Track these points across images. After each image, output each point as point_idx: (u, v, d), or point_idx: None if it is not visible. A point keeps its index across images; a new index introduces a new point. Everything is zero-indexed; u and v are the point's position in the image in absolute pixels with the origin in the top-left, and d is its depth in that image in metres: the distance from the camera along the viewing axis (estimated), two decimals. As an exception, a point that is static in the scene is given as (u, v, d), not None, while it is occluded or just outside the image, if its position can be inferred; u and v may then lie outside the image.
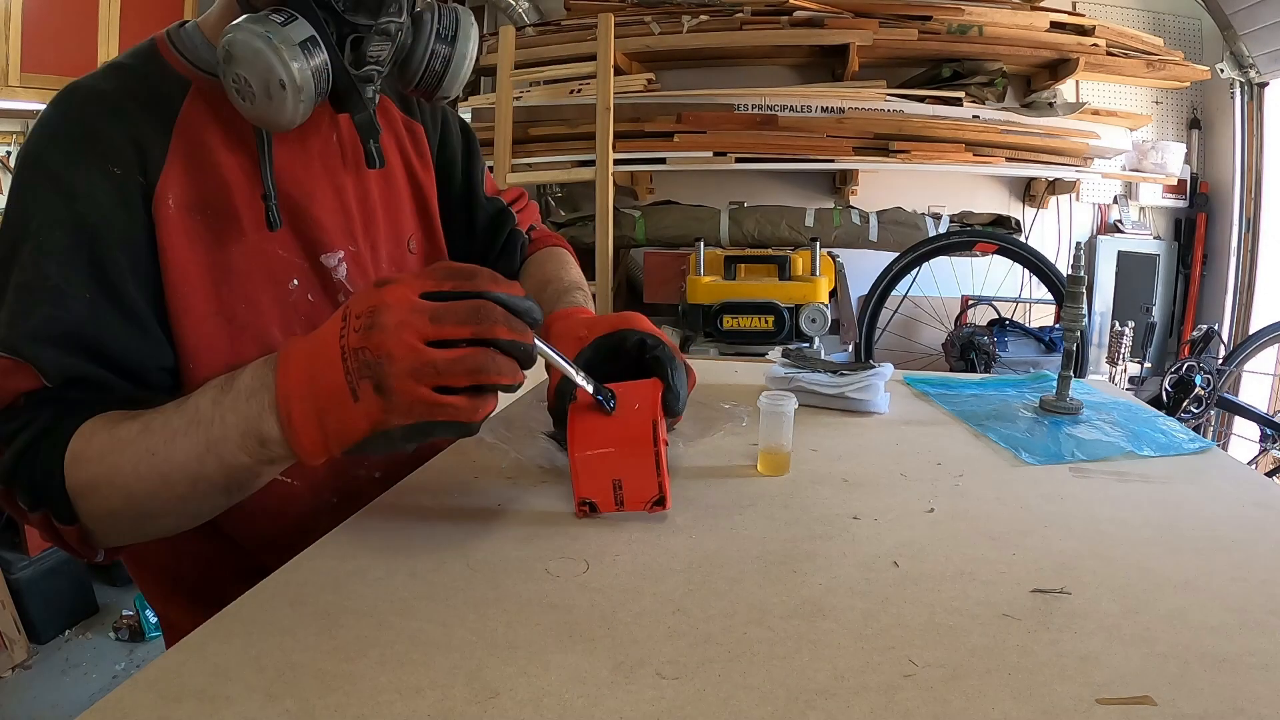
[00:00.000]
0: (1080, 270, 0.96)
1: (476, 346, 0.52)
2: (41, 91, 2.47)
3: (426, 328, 0.51)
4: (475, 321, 0.51)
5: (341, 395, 0.52)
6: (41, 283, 0.62)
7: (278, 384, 0.55)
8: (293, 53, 0.62)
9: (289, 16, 0.64)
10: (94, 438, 0.60)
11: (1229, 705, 0.43)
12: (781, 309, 2.48)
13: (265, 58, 0.62)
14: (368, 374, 0.51)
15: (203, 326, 0.69)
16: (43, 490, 0.60)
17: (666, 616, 0.52)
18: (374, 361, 0.51)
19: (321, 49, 0.65)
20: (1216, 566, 0.59)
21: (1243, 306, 3.14)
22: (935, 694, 0.44)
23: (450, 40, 0.74)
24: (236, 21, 0.64)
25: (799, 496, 0.72)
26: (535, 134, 2.98)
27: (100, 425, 0.60)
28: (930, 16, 2.93)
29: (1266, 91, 3.05)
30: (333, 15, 0.66)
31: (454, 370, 0.51)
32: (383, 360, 0.50)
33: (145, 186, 0.67)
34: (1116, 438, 0.88)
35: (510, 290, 0.54)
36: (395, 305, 0.51)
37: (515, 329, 0.53)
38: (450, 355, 0.51)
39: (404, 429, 0.53)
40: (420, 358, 0.50)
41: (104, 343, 0.64)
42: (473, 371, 0.51)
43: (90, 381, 0.63)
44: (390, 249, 0.86)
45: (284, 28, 0.63)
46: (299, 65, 0.63)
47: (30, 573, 2.21)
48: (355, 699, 0.43)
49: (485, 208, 1.01)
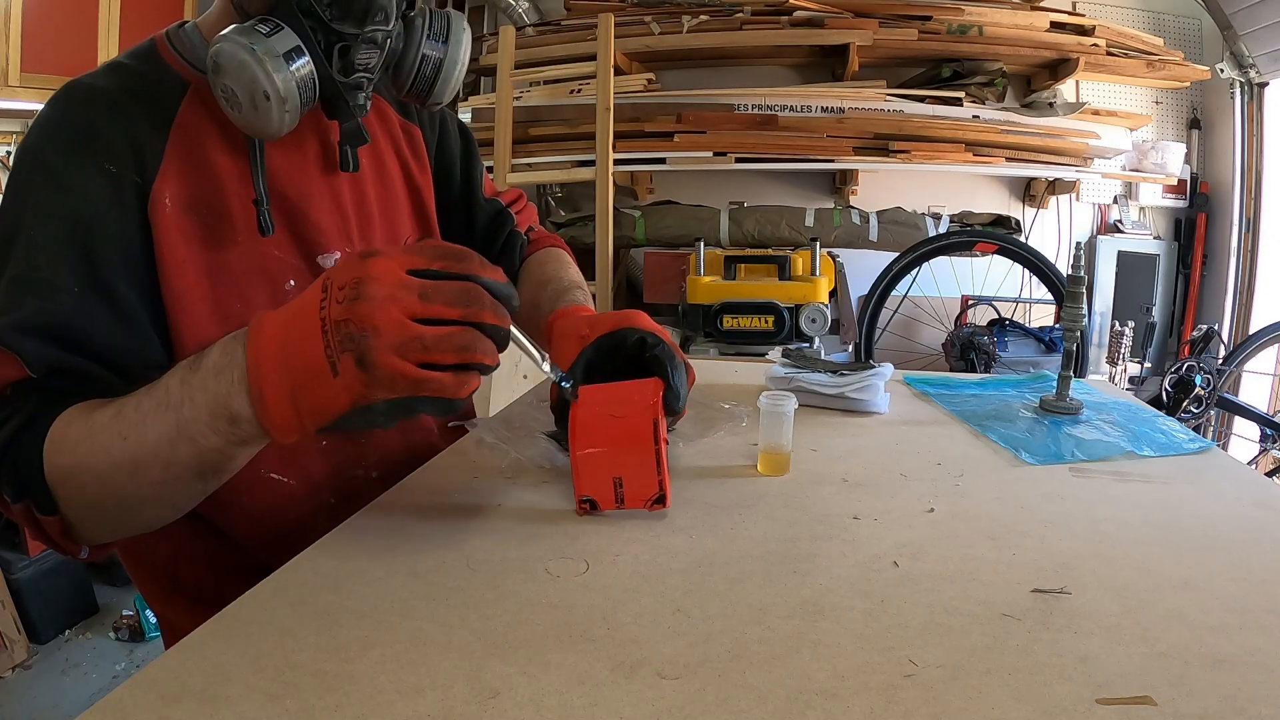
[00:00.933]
0: (1080, 270, 0.96)
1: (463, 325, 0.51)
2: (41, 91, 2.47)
3: (415, 304, 0.50)
4: (464, 304, 0.51)
5: (320, 368, 0.50)
6: (31, 275, 0.63)
7: (249, 357, 0.53)
8: (276, 64, 0.63)
9: (274, 26, 0.64)
10: (71, 425, 0.59)
11: (1229, 705, 0.43)
12: (781, 309, 2.48)
13: (250, 69, 0.62)
14: (350, 347, 0.50)
15: (199, 326, 0.69)
16: (25, 480, 0.59)
17: (666, 616, 0.52)
18: (358, 334, 0.49)
19: (307, 58, 0.65)
20: (1216, 566, 0.59)
21: (1243, 306, 3.14)
22: (935, 694, 0.44)
23: (442, 45, 0.74)
24: (224, 32, 0.64)
25: (799, 496, 0.72)
26: (535, 134, 2.98)
27: (78, 413, 0.60)
28: (930, 16, 2.93)
29: (1266, 91, 3.05)
30: (319, 24, 0.66)
31: (441, 347, 0.50)
32: (368, 333, 0.49)
33: (141, 186, 0.67)
34: (1116, 438, 0.88)
35: (495, 276, 0.54)
36: (382, 278, 0.50)
37: (499, 314, 0.53)
38: (438, 332, 0.50)
39: (386, 404, 0.52)
40: (407, 331, 0.49)
41: (90, 336, 0.63)
42: (460, 349, 0.51)
43: (74, 373, 0.63)
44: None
45: (269, 38, 0.63)
46: (283, 76, 0.63)
47: (30, 573, 2.21)
48: (355, 699, 0.43)
49: (485, 209, 1.01)
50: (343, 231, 0.80)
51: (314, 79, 0.66)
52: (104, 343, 0.64)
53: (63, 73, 2.50)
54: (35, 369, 0.61)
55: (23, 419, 0.60)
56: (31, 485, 0.59)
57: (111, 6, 2.65)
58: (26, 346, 0.61)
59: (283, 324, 0.53)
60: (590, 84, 2.90)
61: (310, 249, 0.77)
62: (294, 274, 0.76)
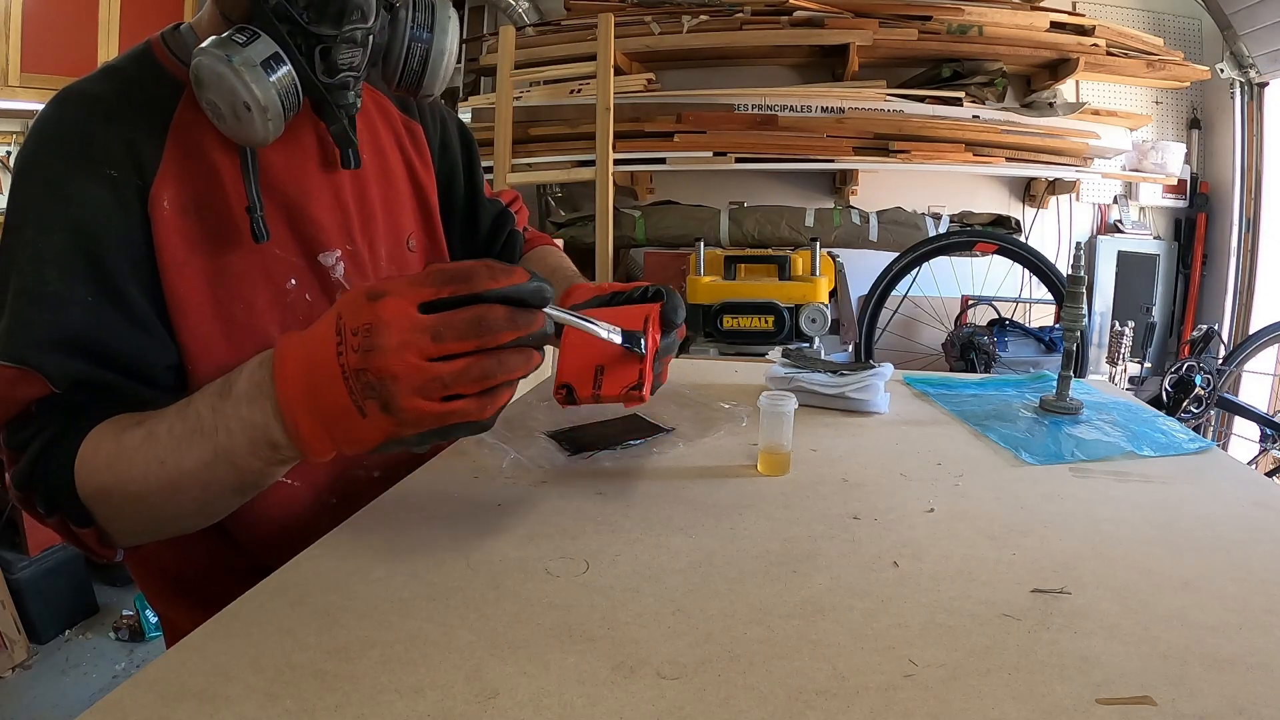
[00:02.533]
0: (1080, 270, 0.96)
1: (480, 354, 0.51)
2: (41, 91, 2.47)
3: (429, 346, 0.49)
4: (477, 335, 0.50)
5: (348, 412, 0.52)
6: (42, 289, 0.63)
7: (278, 395, 0.54)
8: (254, 74, 0.62)
9: (252, 35, 0.64)
10: (100, 445, 0.60)
11: (1229, 705, 0.43)
12: (781, 309, 2.48)
13: (228, 81, 0.62)
14: (372, 395, 0.50)
15: (201, 328, 0.69)
16: (57, 496, 0.61)
17: (666, 616, 0.52)
18: (377, 383, 0.50)
19: (287, 65, 0.65)
20: (1216, 566, 0.59)
21: (1243, 306, 3.14)
22: (935, 694, 0.44)
23: (428, 35, 0.74)
24: (203, 45, 0.64)
25: (799, 496, 0.72)
26: (535, 134, 2.98)
27: (106, 433, 0.61)
28: (930, 16, 2.93)
29: (1266, 91, 3.05)
30: (296, 27, 0.66)
31: (461, 381, 0.50)
32: (386, 381, 0.50)
33: (141, 188, 0.67)
34: (1116, 438, 0.88)
35: (512, 280, 0.51)
36: (393, 323, 0.49)
37: (521, 323, 0.51)
38: (455, 368, 0.50)
39: (418, 435, 0.53)
40: (425, 374, 0.50)
41: (107, 345, 0.64)
42: (479, 379, 0.51)
43: (96, 385, 0.64)
44: (390, 247, 0.86)
45: (245, 48, 0.63)
46: (262, 86, 0.63)
47: (30, 573, 2.21)
48: (355, 699, 0.43)
49: (488, 210, 1.03)
50: (343, 228, 0.80)
51: (296, 84, 0.66)
52: (121, 350, 0.65)
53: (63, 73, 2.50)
54: (59, 385, 0.62)
55: (49, 436, 0.61)
56: (64, 501, 0.61)
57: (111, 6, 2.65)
58: (49, 363, 0.62)
59: (303, 367, 0.53)
60: (590, 84, 2.90)
61: (311, 247, 0.77)
62: (295, 273, 0.76)
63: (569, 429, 0.88)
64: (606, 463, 0.80)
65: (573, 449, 0.82)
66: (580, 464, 0.79)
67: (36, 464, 0.61)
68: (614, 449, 0.83)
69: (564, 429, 0.88)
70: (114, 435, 0.61)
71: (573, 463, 0.80)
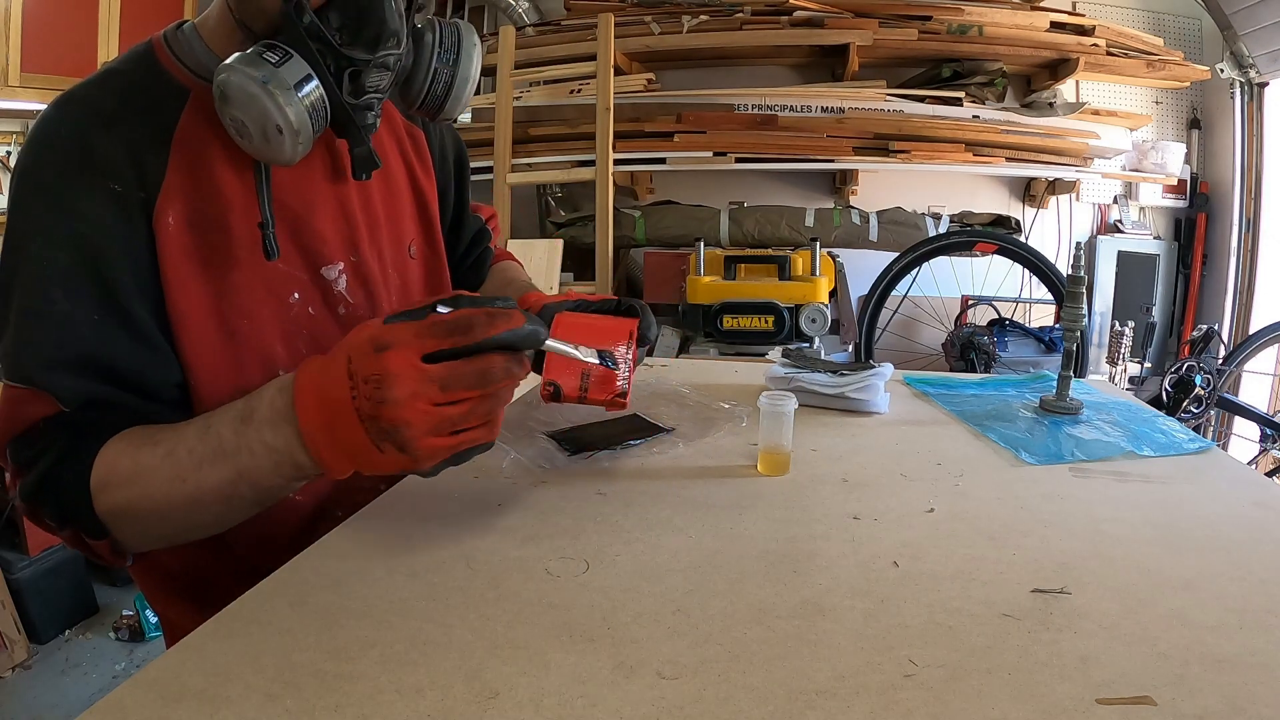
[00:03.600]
0: (1080, 270, 0.96)
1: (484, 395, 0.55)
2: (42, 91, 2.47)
3: (437, 395, 0.53)
4: (483, 385, 0.54)
5: (367, 449, 0.54)
6: (48, 307, 0.62)
7: (301, 424, 0.56)
8: (288, 97, 0.62)
9: (284, 55, 0.63)
10: (117, 463, 0.61)
11: (1229, 705, 0.43)
12: (781, 309, 2.48)
13: (260, 103, 0.62)
14: (388, 438, 0.53)
15: (204, 342, 0.69)
16: (71, 512, 0.61)
17: (666, 616, 0.52)
18: (391, 429, 0.52)
19: (316, 83, 0.64)
20: (1216, 566, 0.59)
21: (1243, 306, 3.14)
22: (935, 694, 0.44)
23: (453, 61, 0.74)
24: (230, 60, 0.63)
25: (799, 496, 0.72)
26: (535, 134, 2.98)
27: (122, 450, 0.61)
28: (930, 16, 2.93)
29: (1266, 91, 3.05)
30: (328, 48, 0.65)
31: (469, 419, 0.54)
32: (400, 427, 0.52)
33: (145, 201, 0.65)
34: (1116, 438, 0.88)
35: (509, 325, 0.54)
36: (401, 376, 0.52)
37: (515, 368, 0.55)
38: (462, 410, 0.54)
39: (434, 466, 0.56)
40: (435, 417, 0.53)
41: (115, 363, 0.64)
42: (485, 415, 0.55)
43: (104, 402, 0.64)
44: (392, 254, 0.85)
45: (279, 68, 0.62)
46: (295, 109, 0.63)
47: (30, 573, 2.21)
48: (355, 699, 0.43)
49: (471, 226, 1.04)
50: (347, 240, 0.79)
51: (325, 105, 0.65)
52: (128, 368, 0.65)
53: (63, 73, 2.50)
54: (69, 405, 0.62)
55: (58, 453, 0.61)
56: (77, 515, 0.61)
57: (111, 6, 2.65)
58: (59, 384, 0.62)
59: (321, 402, 0.55)
60: (590, 84, 2.90)
61: (314, 260, 0.76)
62: (298, 287, 0.75)
63: (569, 429, 0.88)
64: (606, 463, 0.80)
65: (573, 449, 0.82)
66: (580, 464, 0.79)
67: (46, 480, 0.61)
68: (614, 449, 0.83)
69: (564, 429, 0.88)
70: (130, 453, 0.61)
71: (573, 463, 0.80)
